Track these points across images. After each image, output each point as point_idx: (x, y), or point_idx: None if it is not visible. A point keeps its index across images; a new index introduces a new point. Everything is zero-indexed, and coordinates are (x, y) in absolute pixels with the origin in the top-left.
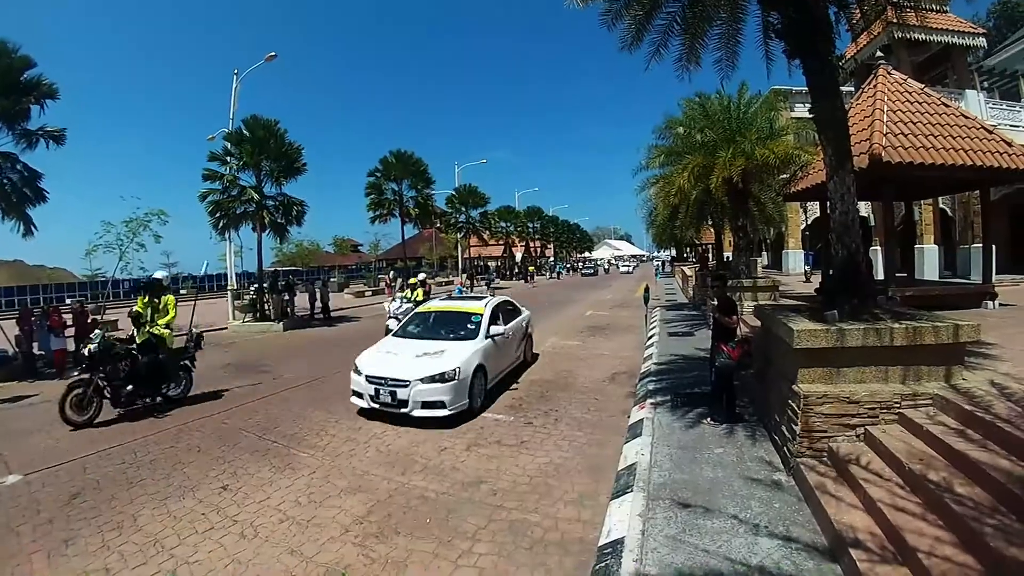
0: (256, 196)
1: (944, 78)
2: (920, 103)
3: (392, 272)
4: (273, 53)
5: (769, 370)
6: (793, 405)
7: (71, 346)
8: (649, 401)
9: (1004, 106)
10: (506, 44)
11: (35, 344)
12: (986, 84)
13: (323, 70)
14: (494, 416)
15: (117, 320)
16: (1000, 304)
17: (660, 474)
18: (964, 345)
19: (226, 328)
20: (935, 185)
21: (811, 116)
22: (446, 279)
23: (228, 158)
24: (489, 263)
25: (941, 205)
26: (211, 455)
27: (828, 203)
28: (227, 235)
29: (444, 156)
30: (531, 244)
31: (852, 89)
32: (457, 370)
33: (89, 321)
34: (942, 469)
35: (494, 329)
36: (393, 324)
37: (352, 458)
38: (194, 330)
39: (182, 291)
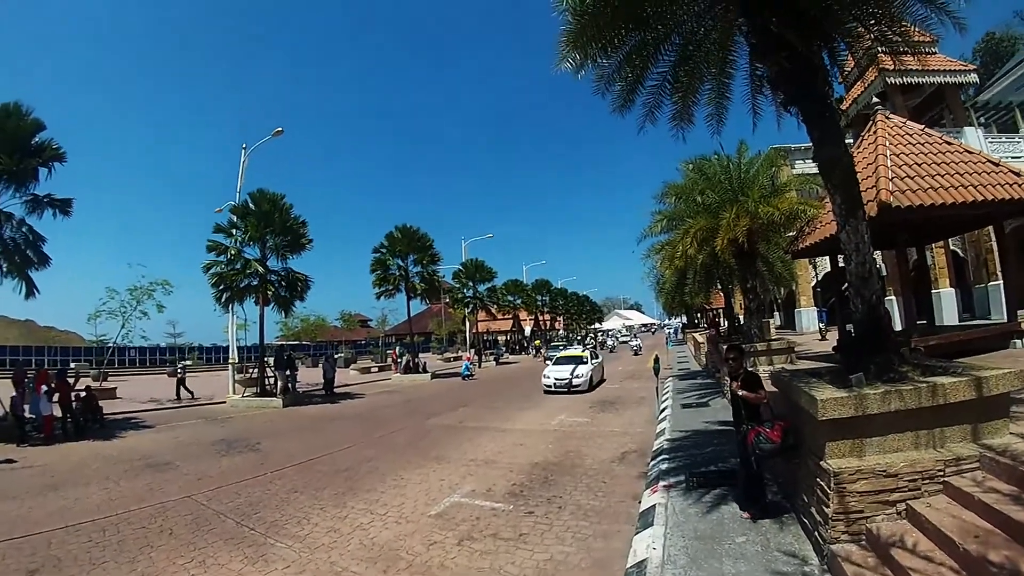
0: (260, 269)
1: (941, 118)
2: (922, 144)
3: (398, 347)
4: (280, 128)
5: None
6: (823, 484)
7: (58, 411)
8: (662, 483)
9: (1004, 139)
10: (508, 113)
11: (27, 407)
12: (982, 119)
13: (332, 145)
14: (491, 505)
15: (116, 388)
16: None
17: (674, 572)
18: (1007, 395)
19: (225, 402)
20: (947, 226)
21: (814, 168)
22: (454, 354)
23: (233, 231)
24: (498, 337)
25: (952, 247)
26: (182, 540)
27: (842, 255)
28: (230, 308)
29: (450, 230)
30: (540, 317)
31: (851, 140)
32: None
33: (73, 388)
34: (1003, 546)
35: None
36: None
37: (332, 551)
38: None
39: (187, 361)
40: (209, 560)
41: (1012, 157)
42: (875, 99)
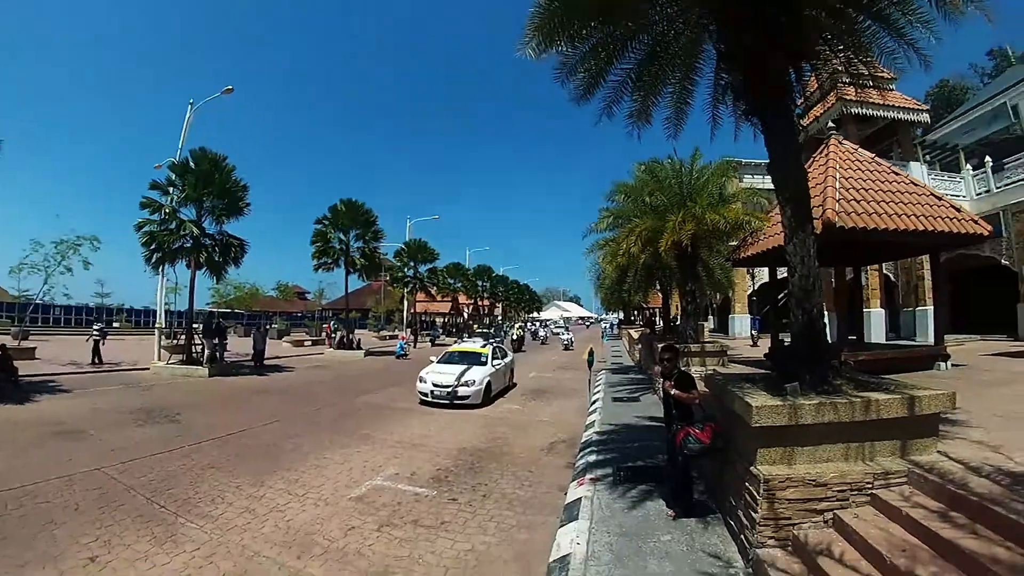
0: (195, 231)
1: (890, 151)
2: (871, 171)
3: (333, 322)
4: (230, 87)
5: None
6: (752, 489)
7: None
8: (589, 476)
9: (946, 177)
10: (464, 103)
11: None
12: (928, 157)
13: (282, 113)
14: (414, 489)
15: (35, 348)
16: (952, 364)
17: (598, 569)
18: (938, 415)
19: (148, 369)
20: (886, 250)
21: (762, 184)
22: (391, 333)
23: (171, 189)
24: (436, 319)
25: (884, 271)
26: (88, 516)
27: (787, 266)
28: (160, 270)
29: (396, 211)
30: (480, 302)
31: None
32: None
33: None
34: (930, 563)
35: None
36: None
37: (245, 533)
38: None
39: (115, 323)
40: (115, 540)
41: (952, 195)
42: (831, 124)
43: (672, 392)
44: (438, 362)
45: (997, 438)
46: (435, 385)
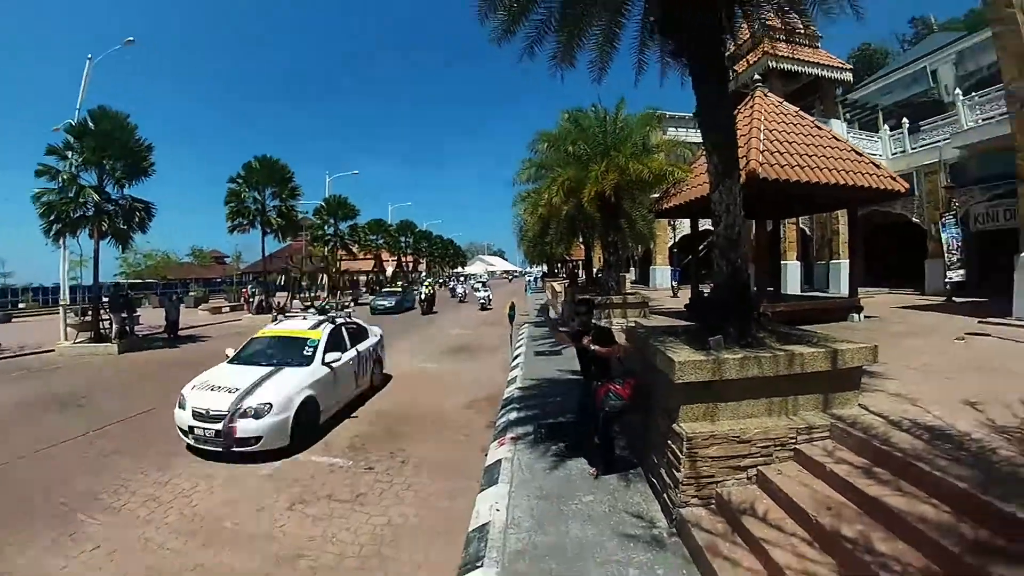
0: (95, 197)
1: (812, 108)
2: (795, 125)
3: (251, 286)
4: (131, 38)
5: (644, 401)
6: (675, 448)
7: None
8: (509, 435)
9: (864, 136)
10: (384, 55)
11: None
12: (848, 116)
13: (194, 69)
14: (328, 460)
15: None
16: (865, 316)
17: (519, 537)
18: (860, 369)
19: (53, 350)
20: (806, 204)
21: (690, 135)
22: (313, 294)
23: (69, 153)
24: (359, 278)
25: (800, 225)
26: None
27: (712, 216)
28: (62, 242)
29: (316, 169)
30: (403, 259)
31: None
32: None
33: None
34: (855, 520)
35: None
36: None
37: (148, 526)
38: None
39: (21, 304)
40: (4, 542)
41: (870, 153)
42: (757, 78)
43: (592, 348)
44: (229, 361)
45: (914, 391)
46: (196, 414)
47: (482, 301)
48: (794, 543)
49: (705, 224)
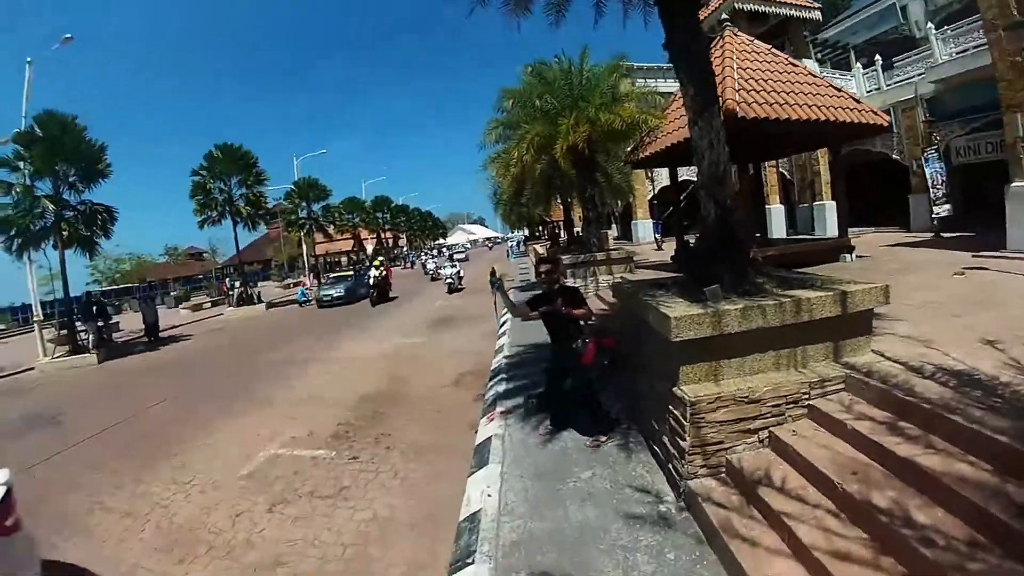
0: (50, 206)
1: (781, 49)
2: (768, 62)
3: (229, 278)
4: (69, 35)
5: (637, 361)
6: (677, 414)
7: None
8: (499, 409)
9: (836, 75)
10: (343, 26)
11: None
12: (819, 55)
13: (153, 66)
14: (311, 453)
15: None
16: (857, 256)
17: (513, 526)
18: (871, 311)
19: (33, 368)
20: (785, 144)
21: (659, 87)
22: (295, 281)
23: (21, 163)
24: (340, 259)
25: (780, 168)
26: None
27: (694, 153)
28: (27, 257)
29: (282, 151)
30: (382, 235)
31: None
32: None
33: None
34: (885, 485)
35: None
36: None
37: (122, 545)
38: None
39: (1, 325)
40: None
41: None
42: (724, 17)
43: (564, 311)
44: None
45: (926, 332)
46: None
47: (449, 281)
48: (819, 516)
49: (684, 174)
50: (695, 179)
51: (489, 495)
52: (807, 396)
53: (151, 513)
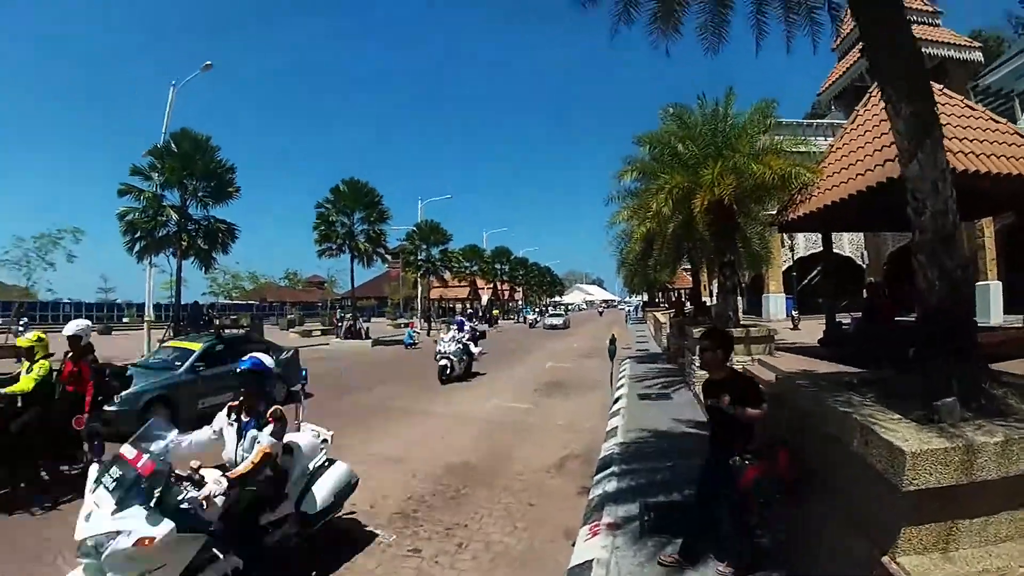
0: (174, 216)
1: None
2: (958, 108)
3: (340, 310)
4: (209, 62)
5: (813, 493)
6: None
7: None
8: (606, 519)
9: None
10: (477, 80)
11: None
12: (980, 104)
13: (289, 95)
14: (369, 532)
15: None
16: None
17: None
18: None
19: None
20: (979, 207)
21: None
22: (407, 321)
23: (154, 174)
24: (456, 305)
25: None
26: None
27: (909, 199)
28: (148, 260)
29: (408, 195)
30: (499, 286)
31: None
32: None
33: None
34: None
35: None
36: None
37: None
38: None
39: (125, 319)
40: None
41: None
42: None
43: (734, 411)
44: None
45: None
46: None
47: (443, 363)
48: None
49: (812, 244)
50: (831, 252)
51: None
52: None
53: None
